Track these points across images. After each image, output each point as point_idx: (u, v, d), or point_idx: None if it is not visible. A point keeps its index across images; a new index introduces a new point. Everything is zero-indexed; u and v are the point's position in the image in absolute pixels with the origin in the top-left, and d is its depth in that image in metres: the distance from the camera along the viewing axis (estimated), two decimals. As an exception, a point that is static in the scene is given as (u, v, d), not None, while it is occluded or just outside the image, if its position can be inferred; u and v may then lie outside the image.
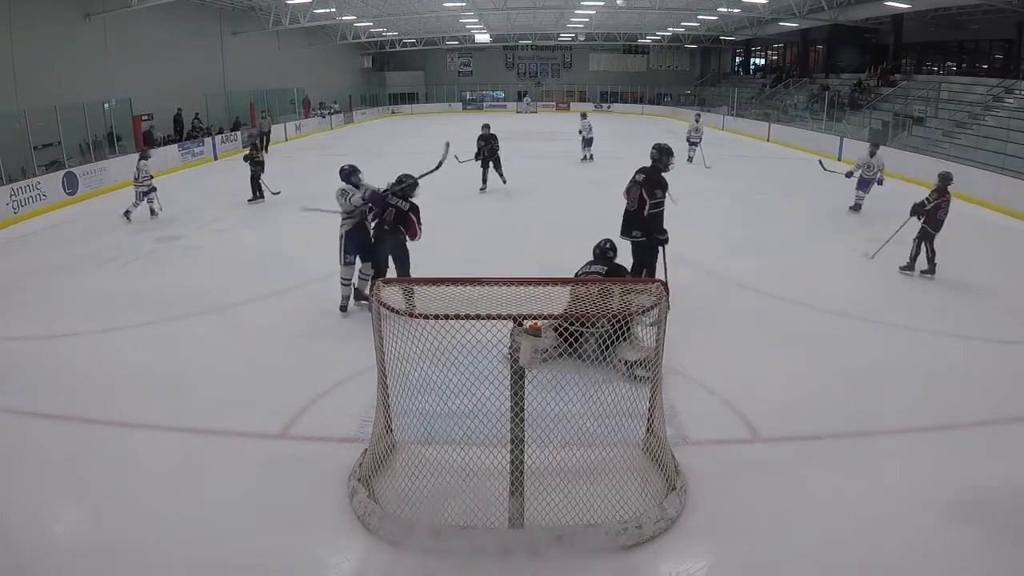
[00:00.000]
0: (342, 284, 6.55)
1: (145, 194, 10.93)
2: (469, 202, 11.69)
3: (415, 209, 6.28)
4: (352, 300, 6.59)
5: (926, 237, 7.71)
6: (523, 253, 8.09)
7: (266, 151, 19.64)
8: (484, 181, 12.78)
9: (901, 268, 7.86)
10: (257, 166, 12.17)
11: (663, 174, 6.17)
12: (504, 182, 12.77)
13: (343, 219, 6.50)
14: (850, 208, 11.11)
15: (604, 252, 5.81)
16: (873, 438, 4.32)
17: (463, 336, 3.20)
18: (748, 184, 14.46)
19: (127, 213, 10.78)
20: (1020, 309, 6.67)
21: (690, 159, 16.09)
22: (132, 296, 7.07)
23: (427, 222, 6.35)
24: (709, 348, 5.70)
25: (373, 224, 6.37)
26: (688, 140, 16.58)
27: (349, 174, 6.52)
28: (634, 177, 6.21)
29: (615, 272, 5.63)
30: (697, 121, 16.92)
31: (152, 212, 11.07)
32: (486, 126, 12.89)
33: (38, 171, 12.25)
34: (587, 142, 16.65)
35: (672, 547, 3.35)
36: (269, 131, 20.98)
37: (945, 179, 7.87)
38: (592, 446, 3.78)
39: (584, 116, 17.22)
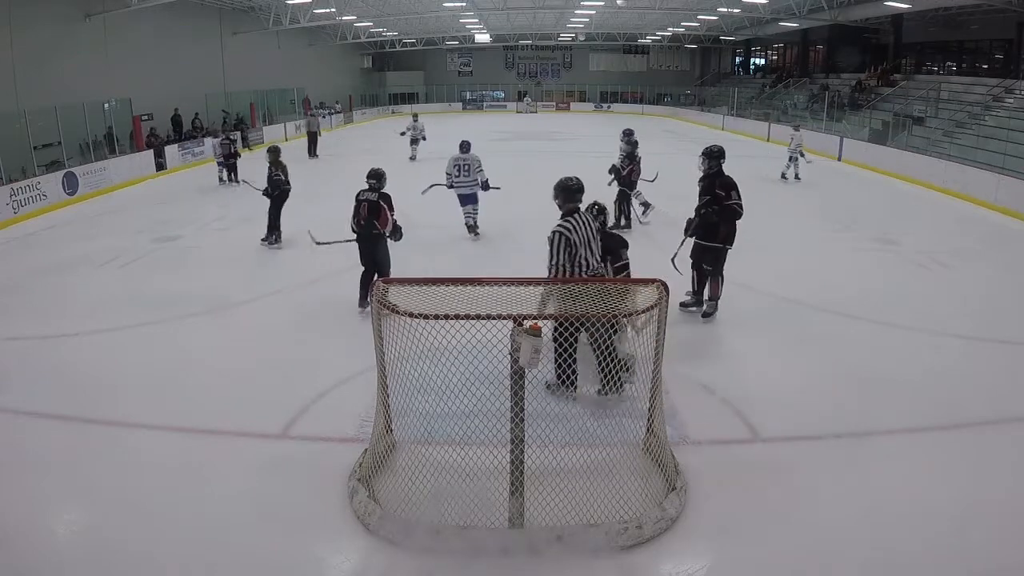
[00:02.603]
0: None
1: (219, 164, 13.95)
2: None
3: (386, 198, 6.28)
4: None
5: (624, 198, 9.39)
6: (523, 252, 8.08)
7: (315, 155, 18.22)
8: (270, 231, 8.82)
9: (609, 228, 8.58)
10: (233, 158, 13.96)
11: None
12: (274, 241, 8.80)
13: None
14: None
15: (595, 219, 5.21)
16: (873, 438, 4.32)
17: (463, 336, 3.20)
18: (747, 184, 14.44)
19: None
20: (1020, 309, 6.66)
21: (793, 175, 14.41)
22: (132, 296, 7.07)
23: (429, 222, 6.35)
24: (709, 348, 5.70)
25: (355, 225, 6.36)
26: (791, 156, 14.46)
27: (469, 146, 8.99)
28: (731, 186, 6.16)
29: (609, 243, 5.13)
30: (797, 131, 14.89)
31: (220, 180, 13.88)
32: (273, 150, 8.85)
33: (38, 171, 12.25)
34: (414, 140, 17.21)
35: (672, 547, 3.34)
36: (318, 131, 18.71)
37: (628, 136, 9.88)
38: (592, 446, 3.78)
39: (416, 118, 17.74)
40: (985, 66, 20.64)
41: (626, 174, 9.43)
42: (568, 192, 4.64)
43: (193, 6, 20.02)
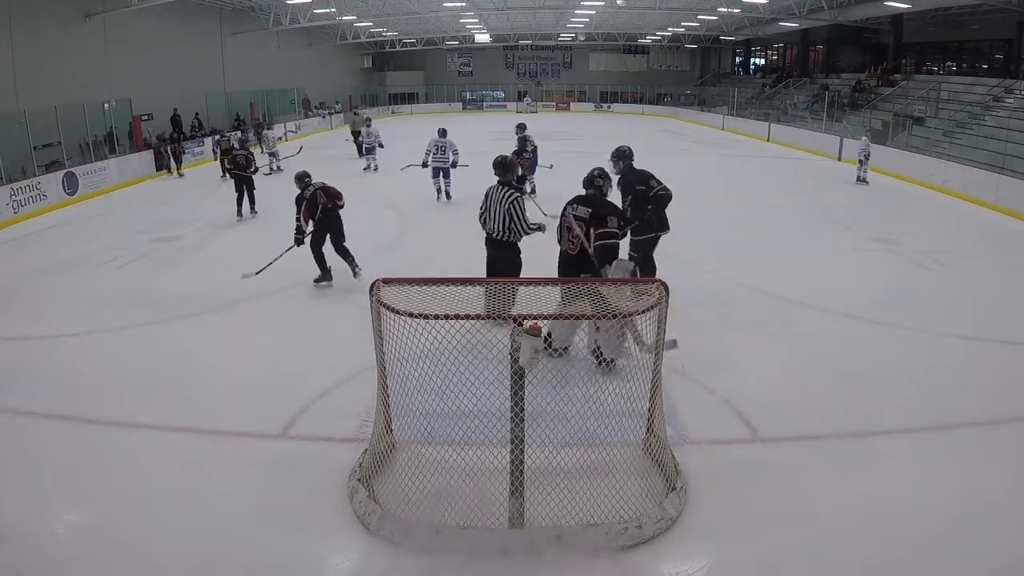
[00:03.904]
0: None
1: (270, 154, 15.07)
2: (468, 200, 11.69)
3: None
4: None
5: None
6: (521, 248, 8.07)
7: (363, 155, 16.20)
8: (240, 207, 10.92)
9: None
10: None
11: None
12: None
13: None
14: None
15: (591, 181, 5.27)
16: (873, 438, 4.32)
17: (463, 336, 3.20)
18: (748, 184, 14.45)
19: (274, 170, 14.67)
20: (1020, 309, 6.66)
21: (863, 176, 14.19)
22: (132, 296, 7.06)
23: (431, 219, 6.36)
24: (709, 348, 5.69)
25: (313, 218, 6.99)
26: (860, 160, 14.38)
27: (446, 132, 11.25)
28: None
29: (599, 211, 5.14)
30: (866, 136, 14.89)
31: (270, 170, 14.42)
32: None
33: (38, 171, 12.24)
34: (369, 149, 15.32)
35: (672, 547, 3.35)
36: (362, 131, 16.61)
37: (521, 132, 11.35)
38: (592, 446, 3.78)
39: (368, 123, 15.97)
40: (985, 66, 20.63)
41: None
42: (494, 167, 5.91)
43: (193, 6, 20.00)
